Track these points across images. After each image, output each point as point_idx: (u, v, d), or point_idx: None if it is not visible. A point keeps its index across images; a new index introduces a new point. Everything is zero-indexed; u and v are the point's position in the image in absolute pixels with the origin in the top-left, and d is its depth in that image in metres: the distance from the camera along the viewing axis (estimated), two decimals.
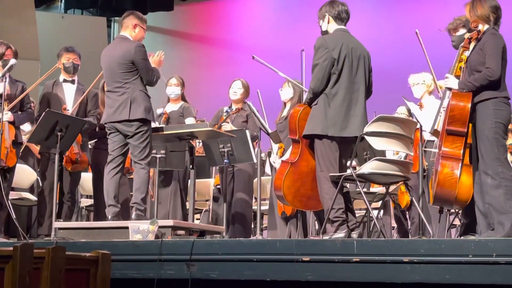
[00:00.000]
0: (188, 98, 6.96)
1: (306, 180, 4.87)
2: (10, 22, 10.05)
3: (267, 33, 11.83)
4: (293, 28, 11.25)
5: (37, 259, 2.08)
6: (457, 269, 3.54)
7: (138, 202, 5.24)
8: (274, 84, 6.49)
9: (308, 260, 3.80)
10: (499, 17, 4.49)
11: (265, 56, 5.81)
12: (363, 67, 4.82)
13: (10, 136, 5.69)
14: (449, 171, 4.36)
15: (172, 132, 5.73)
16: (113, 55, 5.42)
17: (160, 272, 4.05)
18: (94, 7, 12.61)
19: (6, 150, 5.62)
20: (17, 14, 10.34)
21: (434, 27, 5.33)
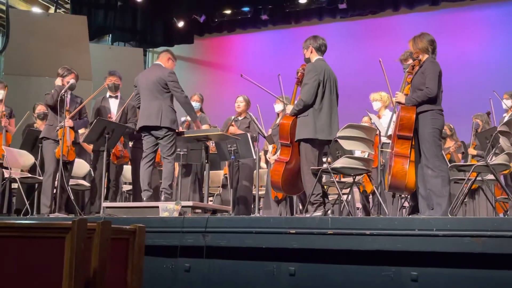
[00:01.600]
0: (204, 110, 6.97)
1: (295, 173, 4.88)
2: (70, 51, 10.04)
3: (265, 60, 11.83)
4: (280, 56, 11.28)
5: (90, 231, 2.07)
6: (406, 240, 3.54)
7: (166, 188, 5.24)
8: (271, 99, 6.51)
9: (294, 233, 3.79)
10: (435, 47, 4.50)
11: (263, 77, 5.80)
12: (335, 88, 4.84)
13: (71, 138, 5.69)
14: (400, 166, 4.37)
15: (192, 135, 5.74)
16: (150, 77, 5.43)
17: (182, 241, 4.04)
18: (133, 40, 12.58)
19: (68, 148, 5.61)
20: (75, 45, 10.33)
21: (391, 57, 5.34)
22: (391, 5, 11.03)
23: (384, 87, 5.88)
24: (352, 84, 9.44)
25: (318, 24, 11.57)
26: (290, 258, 3.84)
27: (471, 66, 10.28)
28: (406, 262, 3.56)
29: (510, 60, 10.15)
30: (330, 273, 3.74)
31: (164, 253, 4.10)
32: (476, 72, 10.15)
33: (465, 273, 3.43)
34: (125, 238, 2.42)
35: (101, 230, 2.09)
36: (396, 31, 10.86)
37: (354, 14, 11.33)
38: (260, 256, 3.91)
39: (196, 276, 4.03)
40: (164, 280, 4.09)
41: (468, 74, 10.03)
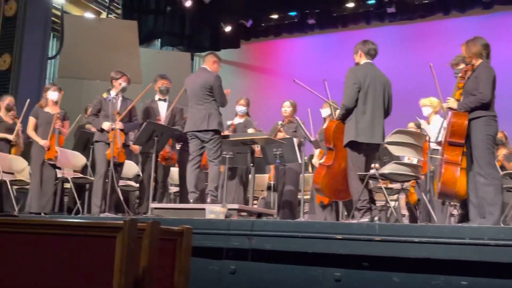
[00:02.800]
0: (250, 114, 6.99)
1: (339, 178, 4.83)
2: (121, 55, 10.27)
3: (312, 64, 11.78)
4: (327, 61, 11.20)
5: (140, 230, 2.09)
6: (456, 248, 3.44)
7: (212, 190, 5.28)
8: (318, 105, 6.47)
9: (341, 238, 3.75)
10: (489, 52, 4.38)
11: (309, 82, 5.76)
12: (383, 93, 4.74)
13: (121, 140, 5.81)
14: (451, 173, 4.26)
15: (238, 138, 5.77)
16: (197, 81, 5.48)
17: (228, 243, 4.06)
18: (181, 45, 12.77)
19: (118, 150, 5.73)
20: (126, 49, 10.57)
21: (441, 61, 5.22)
22: (442, 9, 10.78)
23: (433, 92, 5.76)
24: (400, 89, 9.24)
25: (365, 28, 11.44)
26: (336, 264, 3.79)
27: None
28: (456, 271, 3.46)
29: None
30: (376, 280, 3.68)
31: (210, 255, 4.12)
32: None
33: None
34: (173, 239, 2.45)
35: (150, 230, 2.12)
36: (447, 35, 10.61)
37: (403, 18, 11.14)
38: (305, 261, 3.88)
39: (241, 279, 4.04)
40: (210, 281, 4.12)
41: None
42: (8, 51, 9.79)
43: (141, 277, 2.10)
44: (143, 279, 2.11)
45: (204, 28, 12.46)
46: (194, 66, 12.95)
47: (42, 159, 6.21)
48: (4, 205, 6.62)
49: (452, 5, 10.67)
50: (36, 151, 6.28)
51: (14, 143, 6.83)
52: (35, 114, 6.38)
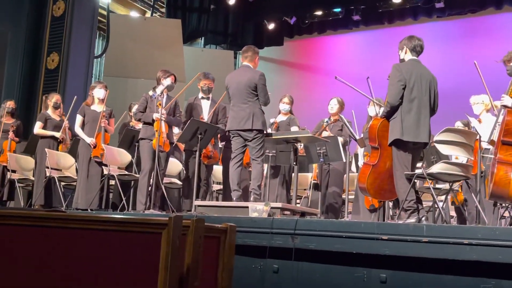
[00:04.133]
0: (294, 112, 6.96)
1: (384, 177, 4.74)
2: (165, 54, 10.44)
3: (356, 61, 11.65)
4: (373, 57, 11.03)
5: (184, 227, 2.11)
6: (508, 251, 3.33)
7: (255, 188, 5.28)
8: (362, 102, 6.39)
9: (386, 239, 3.69)
10: None
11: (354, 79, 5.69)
12: (429, 90, 4.63)
13: (166, 130, 5.88)
14: (504, 174, 4.11)
15: (281, 137, 5.75)
16: (241, 79, 5.49)
17: (271, 242, 4.06)
18: (225, 43, 12.85)
19: (164, 140, 5.81)
20: (170, 48, 10.72)
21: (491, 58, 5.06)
22: (494, 3, 10.45)
23: (483, 90, 5.58)
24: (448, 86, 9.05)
25: (412, 24, 11.22)
26: (381, 265, 3.73)
27: None
28: (507, 275, 3.35)
29: None
30: (423, 282, 3.60)
31: (253, 253, 4.13)
32: None
33: None
34: (217, 236, 2.46)
35: (195, 228, 2.13)
36: (499, 30, 10.30)
37: (452, 13, 10.86)
38: (350, 261, 3.84)
39: (284, 278, 4.03)
40: (253, 280, 4.13)
41: None
42: (56, 50, 10.10)
43: (185, 274, 2.12)
44: (188, 276, 2.13)
45: (248, 26, 12.50)
46: (237, 64, 13.01)
47: (88, 156, 6.37)
48: (52, 201, 6.83)
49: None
50: (82, 148, 6.45)
51: (62, 140, 7.03)
52: (81, 112, 6.56)
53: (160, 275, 2.01)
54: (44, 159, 6.72)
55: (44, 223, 2.12)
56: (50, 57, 10.13)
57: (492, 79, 5.31)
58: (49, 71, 10.08)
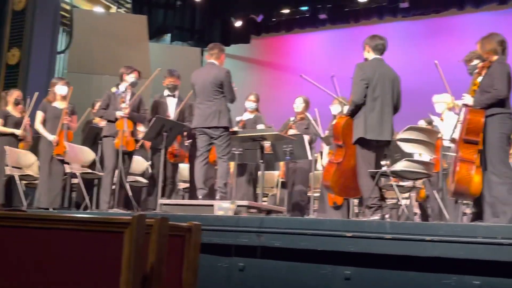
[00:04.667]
0: (261, 110, 6.98)
1: (349, 175, 4.81)
2: (130, 50, 10.31)
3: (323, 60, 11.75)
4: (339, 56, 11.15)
5: (148, 226, 2.09)
6: (469, 248, 3.42)
7: (221, 186, 5.29)
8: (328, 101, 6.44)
9: (351, 236, 3.74)
10: (505, 48, 4.34)
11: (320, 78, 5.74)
12: (392, 89, 4.71)
13: (129, 128, 5.81)
14: (465, 172, 4.22)
15: (248, 135, 5.77)
16: (206, 76, 5.48)
17: (237, 240, 4.06)
18: (191, 40, 12.78)
19: (127, 139, 5.74)
20: (135, 44, 10.60)
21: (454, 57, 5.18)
22: (456, 4, 10.69)
23: (444, 89, 5.71)
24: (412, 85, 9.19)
25: (378, 24, 11.37)
26: (346, 262, 3.78)
27: None
28: (468, 271, 3.44)
29: None
30: (387, 278, 3.66)
31: (218, 252, 4.13)
32: None
33: None
34: (181, 235, 2.45)
35: (159, 227, 2.12)
36: (461, 31, 10.53)
37: (416, 13, 11.06)
38: (315, 258, 3.87)
39: (250, 276, 4.04)
40: (218, 278, 4.12)
41: None
42: (17, 45, 9.85)
43: (149, 273, 2.11)
44: (151, 276, 2.12)
45: (214, 23, 12.45)
46: (204, 61, 12.95)
47: (50, 154, 6.24)
48: (12, 200, 6.67)
49: (467, 0, 10.58)
50: (44, 146, 6.31)
51: (22, 137, 6.87)
52: (43, 108, 6.41)
53: (123, 275, 1.99)
54: (4, 157, 6.55)
55: (4, 223, 2.07)
56: (10, 52, 9.88)
57: (455, 78, 5.43)
58: (9, 67, 9.83)
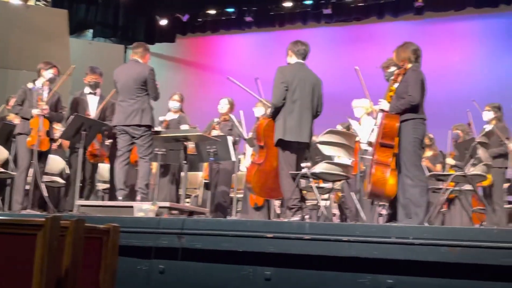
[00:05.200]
0: (185, 110, 6.93)
1: (270, 176, 4.90)
2: (49, 45, 9.92)
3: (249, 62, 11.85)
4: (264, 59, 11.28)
5: (63, 228, 2.05)
6: (383, 247, 3.57)
7: (142, 187, 5.21)
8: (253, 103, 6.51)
9: (271, 237, 3.79)
10: (419, 56, 4.55)
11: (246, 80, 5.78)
12: (311, 92, 4.83)
13: (44, 127, 5.59)
14: (381, 174, 4.40)
15: (171, 135, 5.72)
16: (129, 73, 5.38)
17: (157, 242, 4.02)
18: (115, 37, 12.48)
19: (40, 138, 5.52)
20: (55, 39, 10.21)
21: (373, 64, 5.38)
22: (376, 12, 11.13)
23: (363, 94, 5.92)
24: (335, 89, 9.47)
25: (302, 28, 11.61)
26: (266, 263, 3.83)
27: (453, 77, 10.43)
28: (382, 270, 3.58)
29: (491, 72, 10.33)
30: (306, 278, 3.75)
31: (138, 254, 4.07)
32: (458, 83, 10.30)
33: (441, 282, 3.47)
34: (99, 237, 2.41)
35: (74, 229, 2.07)
36: (381, 38, 10.96)
37: (339, 19, 11.40)
38: (236, 259, 3.90)
39: (170, 278, 4.01)
40: (138, 281, 4.06)
41: (450, 84, 10.17)
42: None
43: (63, 277, 2.05)
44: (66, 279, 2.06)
45: (139, 21, 12.23)
46: (127, 59, 12.69)
47: None
48: None
49: (386, 9, 11.04)
50: None
51: None
52: None
53: (35, 279, 1.94)
54: None
55: None
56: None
57: (374, 84, 5.65)
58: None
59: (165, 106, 6.85)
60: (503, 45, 10.59)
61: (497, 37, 10.67)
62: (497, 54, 10.58)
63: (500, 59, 10.50)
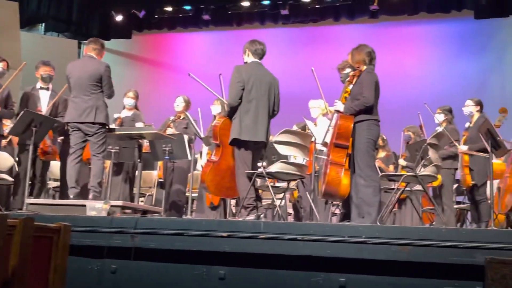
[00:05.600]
0: (140, 108, 6.85)
1: (225, 175, 4.90)
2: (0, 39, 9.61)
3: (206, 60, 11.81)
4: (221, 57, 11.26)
5: (11, 227, 1.99)
6: (336, 246, 3.62)
7: (94, 186, 5.12)
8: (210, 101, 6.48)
9: (226, 236, 3.80)
10: (373, 58, 4.65)
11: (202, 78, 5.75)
12: (268, 92, 4.85)
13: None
14: (335, 174, 4.46)
15: (125, 132, 5.64)
16: (84, 69, 5.27)
17: (109, 241, 3.96)
18: (68, 31, 12.18)
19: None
20: (5, 32, 9.88)
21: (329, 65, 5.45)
22: (332, 14, 11.27)
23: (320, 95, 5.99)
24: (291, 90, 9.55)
25: (260, 28, 11.65)
26: (221, 262, 3.83)
27: (406, 79, 10.69)
28: (335, 268, 3.64)
29: (443, 75, 10.64)
30: (260, 277, 3.77)
31: (89, 254, 4.00)
32: (411, 86, 10.56)
33: (392, 280, 3.55)
34: (49, 236, 2.36)
35: (22, 227, 2.02)
36: (337, 40, 11.12)
37: (296, 21, 11.48)
38: (190, 259, 3.88)
39: (123, 278, 3.95)
40: (89, 281, 3.98)
41: (403, 87, 10.42)
42: None
43: (10, 277, 2.00)
44: (13, 280, 2.01)
45: (94, 16, 11.99)
46: (81, 55, 12.42)
47: None
48: None
49: (342, 11, 11.20)
50: None
51: None
52: None
53: None
54: None
55: None
56: None
57: (330, 85, 5.73)
58: None
59: (120, 103, 6.76)
60: (454, 50, 10.94)
61: (449, 42, 11.01)
62: (448, 58, 10.91)
63: (452, 63, 10.84)
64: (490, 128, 4.63)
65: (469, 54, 10.80)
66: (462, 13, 10.55)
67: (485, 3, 10.00)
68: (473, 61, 10.73)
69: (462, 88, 9.75)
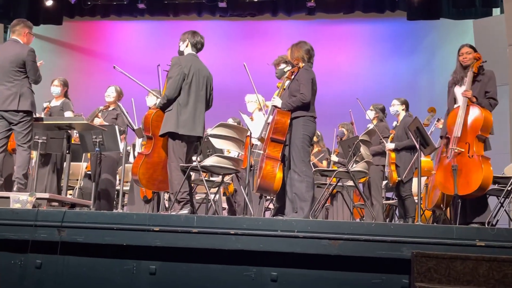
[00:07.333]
0: (70, 97, 6.61)
1: (157, 168, 4.83)
2: None
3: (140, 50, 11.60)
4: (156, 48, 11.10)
5: None
6: (269, 240, 3.66)
7: (19, 177, 4.90)
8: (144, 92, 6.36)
9: (158, 230, 3.75)
10: (312, 56, 4.72)
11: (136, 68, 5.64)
12: (205, 85, 4.82)
13: None
14: (270, 168, 4.50)
15: (53, 122, 5.43)
16: (6, 55, 5.01)
17: (34, 235, 3.82)
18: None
19: None
20: None
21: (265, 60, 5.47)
22: (270, 10, 11.35)
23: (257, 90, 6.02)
24: (227, 84, 9.56)
25: (197, 20, 11.57)
26: (152, 257, 3.78)
27: (341, 77, 10.93)
28: (267, 262, 3.68)
29: (377, 74, 10.97)
30: (192, 272, 3.75)
31: (13, 248, 3.85)
32: (345, 83, 10.82)
33: (322, 274, 3.63)
34: None
35: None
36: (274, 35, 11.22)
37: (233, 14, 11.49)
38: (120, 254, 3.81)
39: (48, 274, 3.83)
40: (12, 277, 3.83)
41: (338, 84, 10.66)
42: None
43: None
44: None
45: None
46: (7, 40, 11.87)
47: None
48: None
49: (280, 7, 11.30)
50: None
51: None
52: None
53: None
54: None
55: None
56: None
57: (265, 81, 5.76)
58: None
59: (48, 92, 6.50)
60: (388, 49, 11.30)
61: (382, 41, 11.36)
62: (381, 57, 11.26)
63: (384, 62, 11.20)
64: (419, 126, 4.80)
65: (401, 54, 11.20)
66: (395, 13, 10.92)
67: (417, 5, 10.38)
68: (404, 61, 11.14)
69: (393, 87, 10.10)
